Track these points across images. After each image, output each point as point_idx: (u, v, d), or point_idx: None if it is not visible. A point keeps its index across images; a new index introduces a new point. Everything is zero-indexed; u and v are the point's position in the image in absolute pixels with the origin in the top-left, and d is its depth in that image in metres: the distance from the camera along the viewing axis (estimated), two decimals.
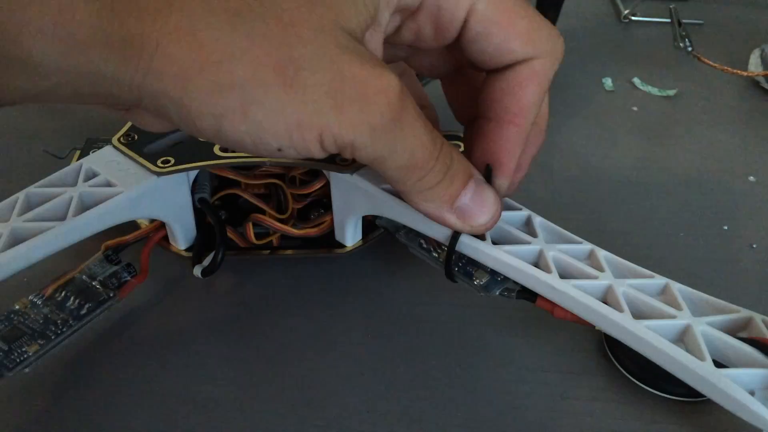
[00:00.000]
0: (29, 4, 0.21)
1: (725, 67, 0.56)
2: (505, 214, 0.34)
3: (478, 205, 0.30)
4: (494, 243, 0.32)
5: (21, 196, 0.34)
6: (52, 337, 0.32)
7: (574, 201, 0.46)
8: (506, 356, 0.35)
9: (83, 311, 0.33)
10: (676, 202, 0.46)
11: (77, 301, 0.34)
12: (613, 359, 0.34)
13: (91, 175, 0.36)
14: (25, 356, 0.31)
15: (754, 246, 0.42)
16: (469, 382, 0.34)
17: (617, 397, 0.33)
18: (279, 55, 0.24)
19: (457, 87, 0.36)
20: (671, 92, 0.58)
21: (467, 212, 0.30)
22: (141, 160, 0.36)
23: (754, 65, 0.59)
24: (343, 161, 0.36)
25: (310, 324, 0.37)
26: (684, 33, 0.57)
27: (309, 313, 0.38)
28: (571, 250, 0.32)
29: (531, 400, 0.33)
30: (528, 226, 0.34)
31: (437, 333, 0.36)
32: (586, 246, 0.32)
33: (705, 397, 0.27)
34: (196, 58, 0.23)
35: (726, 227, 0.43)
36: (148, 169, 0.36)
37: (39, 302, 0.33)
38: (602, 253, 0.32)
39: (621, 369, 0.33)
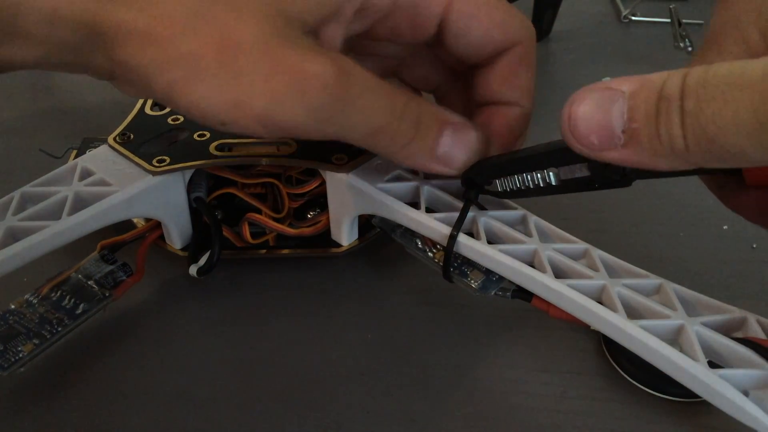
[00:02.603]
0: None
1: None
2: (501, 213, 0.34)
3: (459, 148, 0.31)
4: (489, 242, 0.32)
5: (16, 195, 0.34)
6: (48, 337, 0.32)
7: (574, 200, 0.45)
8: (506, 356, 0.35)
9: (79, 311, 0.33)
10: (676, 202, 0.45)
11: (73, 300, 0.34)
12: (611, 360, 0.34)
13: (87, 175, 0.36)
14: (21, 355, 0.31)
15: (755, 246, 0.42)
16: (468, 382, 0.34)
17: (617, 397, 0.33)
18: (222, 36, 0.26)
19: (451, 99, 0.37)
20: None
21: (450, 156, 0.31)
22: (136, 159, 0.36)
23: None
24: (339, 160, 0.36)
25: (308, 323, 0.37)
26: (684, 33, 0.57)
27: (306, 313, 0.38)
28: (566, 249, 0.32)
29: (531, 400, 0.33)
30: (523, 226, 0.34)
31: (436, 333, 0.36)
32: (581, 245, 0.32)
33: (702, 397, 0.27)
34: (152, 32, 0.26)
35: (726, 227, 0.43)
36: (144, 169, 0.36)
37: (34, 301, 0.33)
38: (597, 253, 0.32)
39: (619, 370, 0.33)
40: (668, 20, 0.62)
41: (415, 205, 0.34)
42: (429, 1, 0.30)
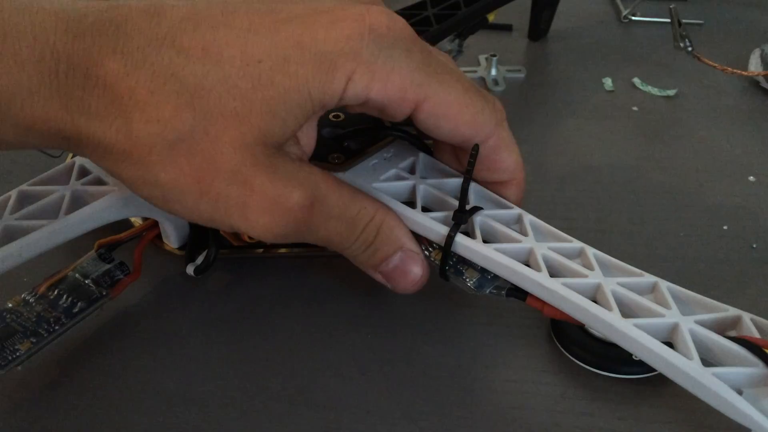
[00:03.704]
0: None
1: (725, 67, 0.56)
2: (497, 212, 0.34)
3: (400, 273, 0.34)
4: (485, 241, 0.32)
5: (13, 194, 0.34)
6: (45, 335, 0.32)
7: (574, 201, 0.45)
8: (505, 356, 0.35)
9: (76, 309, 0.34)
10: (676, 202, 0.45)
11: (70, 299, 0.34)
12: (560, 347, 0.35)
13: (84, 174, 0.36)
14: (18, 354, 0.31)
15: (755, 246, 0.42)
16: (468, 381, 0.34)
17: (616, 397, 0.33)
18: (200, 166, 0.28)
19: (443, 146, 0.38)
20: (671, 92, 0.58)
21: (390, 276, 0.34)
22: None
23: (754, 65, 0.58)
24: (335, 160, 0.36)
25: (308, 323, 0.37)
26: (684, 33, 0.57)
27: (306, 312, 0.38)
28: (562, 248, 0.32)
29: (531, 400, 0.33)
30: (519, 225, 0.34)
31: (436, 333, 0.36)
32: (577, 244, 0.32)
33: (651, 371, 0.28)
34: (131, 155, 0.28)
35: (726, 227, 0.43)
36: None
37: (32, 300, 0.34)
38: (592, 252, 0.32)
39: (569, 355, 0.34)
40: (668, 20, 0.62)
41: (411, 204, 0.34)
42: (396, 104, 0.30)
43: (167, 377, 0.34)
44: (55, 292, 0.34)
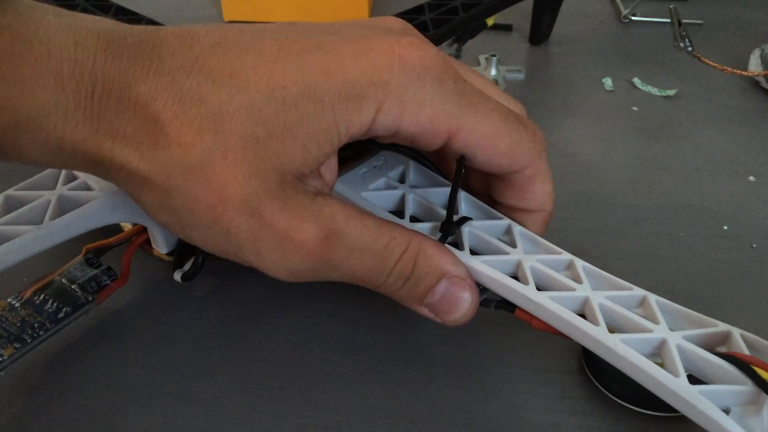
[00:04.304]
0: (33, 120, 0.26)
1: (725, 67, 0.55)
2: (486, 223, 0.33)
3: (448, 303, 0.31)
4: (474, 253, 0.32)
5: (0, 198, 0.34)
6: (28, 341, 0.32)
7: (574, 201, 0.45)
8: (506, 356, 0.35)
9: (60, 315, 0.33)
10: (675, 202, 0.45)
11: (55, 304, 0.34)
12: (594, 381, 0.33)
13: (71, 179, 0.36)
14: (0, 359, 0.31)
15: (755, 246, 0.42)
16: (468, 381, 0.34)
17: None
18: (213, 193, 0.27)
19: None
20: (671, 92, 0.57)
21: (438, 308, 0.31)
22: None
23: (754, 65, 0.58)
24: None
25: (305, 323, 0.37)
26: (684, 33, 0.56)
27: (303, 313, 0.38)
28: (550, 260, 0.32)
29: (531, 400, 0.33)
30: (508, 236, 0.33)
31: (437, 333, 0.36)
32: (566, 256, 0.32)
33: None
34: (150, 180, 0.27)
35: (726, 227, 0.43)
36: None
37: (17, 305, 0.33)
38: (581, 264, 0.31)
39: (603, 390, 0.33)
40: (668, 20, 0.62)
41: (400, 213, 0.34)
42: (429, 136, 0.29)
43: (155, 381, 0.34)
44: (41, 297, 0.34)
